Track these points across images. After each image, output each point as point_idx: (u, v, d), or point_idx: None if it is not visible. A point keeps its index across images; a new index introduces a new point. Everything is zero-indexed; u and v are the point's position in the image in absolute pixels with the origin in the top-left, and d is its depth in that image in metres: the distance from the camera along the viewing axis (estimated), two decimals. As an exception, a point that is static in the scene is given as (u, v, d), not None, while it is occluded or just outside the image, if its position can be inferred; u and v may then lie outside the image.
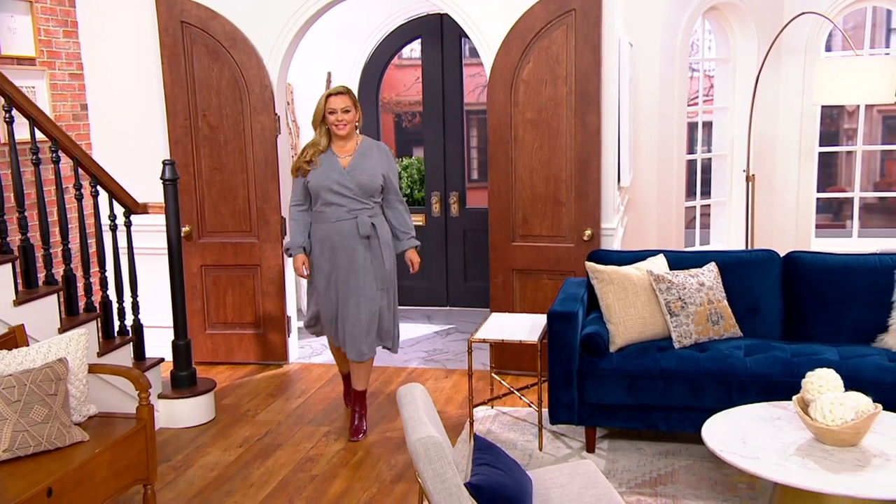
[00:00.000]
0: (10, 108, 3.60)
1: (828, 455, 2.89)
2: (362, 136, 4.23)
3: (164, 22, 5.11)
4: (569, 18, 4.68)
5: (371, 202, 4.13)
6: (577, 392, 3.86)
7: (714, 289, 4.03)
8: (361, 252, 4.09)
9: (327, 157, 4.10)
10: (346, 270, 4.09)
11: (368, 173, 4.08)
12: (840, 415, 2.88)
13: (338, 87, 4.14)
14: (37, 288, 3.78)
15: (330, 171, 4.05)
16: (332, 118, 4.05)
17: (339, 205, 4.06)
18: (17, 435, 2.97)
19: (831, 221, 7.96)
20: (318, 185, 4.05)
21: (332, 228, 4.08)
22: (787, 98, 6.33)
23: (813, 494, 2.84)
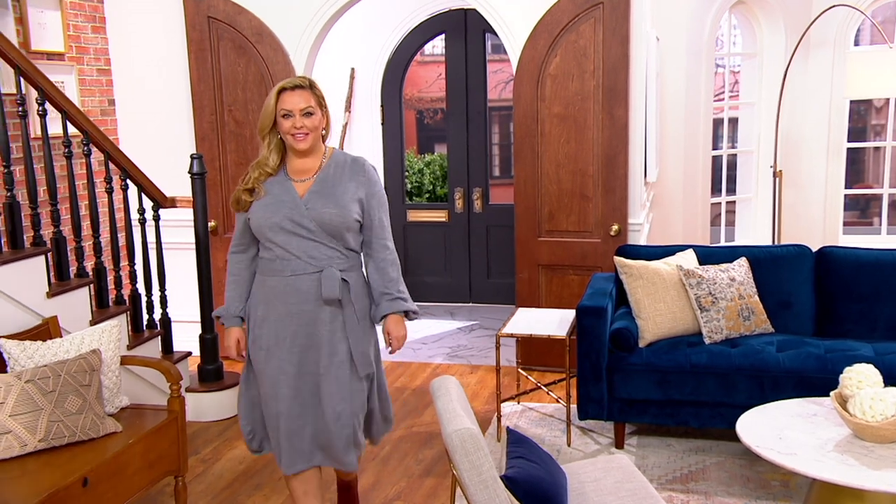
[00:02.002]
0: (43, 102, 3.64)
1: (868, 451, 2.85)
2: (332, 149, 2.95)
3: (192, 17, 5.14)
4: (596, 12, 4.67)
5: (342, 248, 2.85)
6: (606, 387, 3.85)
7: (745, 284, 4.00)
8: (327, 323, 2.82)
9: (278, 182, 2.83)
10: (303, 350, 2.82)
11: (336, 204, 2.79)
12: (880, 410, 2.84)
13: (295, 80, 2.84)
14: (69, 280, 3.83)
15: (279, 202, 2.78)
16: (286, 124, 2.76)
17: (292, 253, 2.79)
18: (52, 425, 3.00)
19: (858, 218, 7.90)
20: (262, 222, 2.77)
21: (283, 286, 2.80)
22: (815, 93, 6.27)
23: (853, 491, 2.80)
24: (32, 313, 3.49)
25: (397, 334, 2.94)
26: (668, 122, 5.86)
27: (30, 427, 2.95)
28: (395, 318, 2.93)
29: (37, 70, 3.59)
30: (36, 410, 2.98)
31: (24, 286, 3.46)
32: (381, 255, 2.93)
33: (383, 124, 6.82)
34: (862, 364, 3.06)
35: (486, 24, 5.95)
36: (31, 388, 2.99)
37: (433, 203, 7.53)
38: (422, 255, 6.91)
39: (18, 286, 3.43)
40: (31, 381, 3.00)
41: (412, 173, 7.69)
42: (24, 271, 3.47)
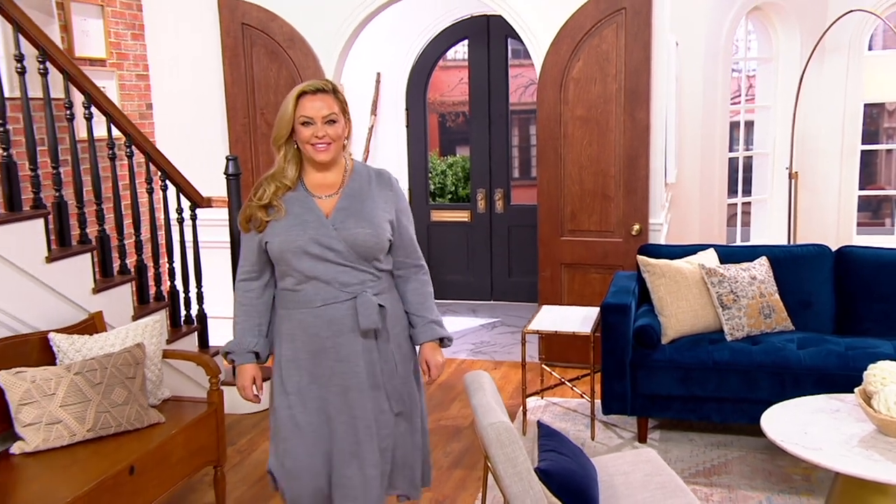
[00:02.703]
0: (89, 106, 3.67)
1: (892, 447, 2.82)
2: (353, 161, 2.54)
3: (226, 24, 5.16)
4: (619, 17, 4.66)
5: (374, 270, 2.45)
6: (630, 383, 3.85)
7: (766, 282, 3.99)
8: (362, 355, 2.44)
9: (298, 199, 2.41)
10: (346, 388, 2.44)
11: (369, 223, 2.41)
12: None
13: (316, 83, 2.40)
14: (112, 277, 3.86)
15: (303, 222, 2.38)
16: (306, 133, 2.35)
17: (320, 280, 2.39)
18: (99, 415, 3.03)
19: (870, 219, 7.86)
20: (285, 246, 2.37)
21: (314, 318, 2.41)
22: (830, 96, 6.25)
23: (878, 486, 2.78)
24: (79, 308, 3.51)
25: (435, 362, 2.57)
26: (686, 124, 5.85)
27: (79, 417, 2.99)
28: (431, 346, 2.57)
29: (83, 75, 3.62)
30: (84, 401, 3.01)
31: (72, 282, 3.48)
32: (416, 276, 2.57)
33: (408, 127, 6.84)
34: (886, 361, 3.03)
35: (508, 29, 5.95)
36: (80, 380, 3.03)
37: (456, 203, 7.53)
38: (445, 254, 6.92)
39: (66, 282, 3.45)
40: (80, 373, 3.04)
41: (435, 175, 7.71)
42: (72, 268, 3.49)
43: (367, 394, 2.43)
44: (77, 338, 3.26)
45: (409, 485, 2.62)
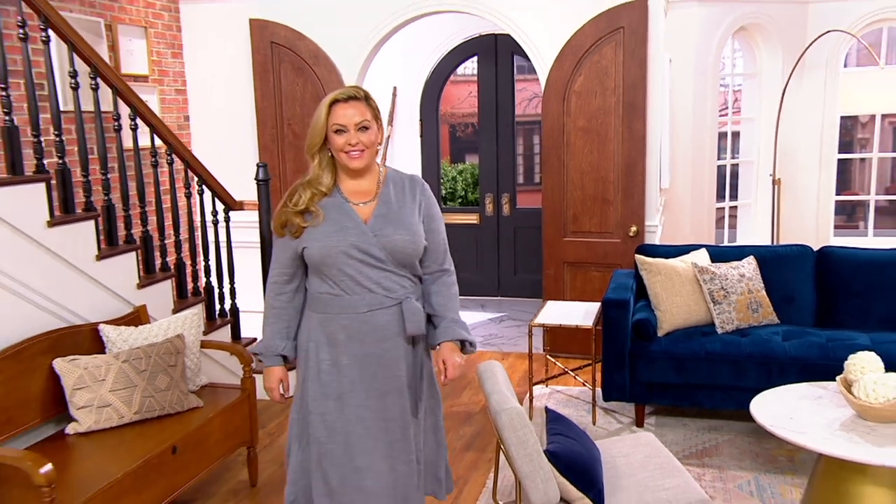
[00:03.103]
0: (134, 117, 3.69)
1: (871, 430, 2.82)
2: (386, 168, 2.37)
3: (257, 43, 5.17)
4: (617, 36, 4.66)
5: (410, 275, 2.31)
6: (628, 372, 3.84)
7: (753, 280, 3.99)
8: (404, 359, 2.30)
9: (335, 205, 2.24)
10: (382, 394, 2.26)
11: (407, 230, 2.25)
12: (882, 393, 2.81)
13: (348, 90, 2.24)
14: (155, 273, 3.87)
15: (342, 227, 2.20)
16: (339, 140, 2.18)
17: (363, 286, 2.21)
18: (144, 400, 3.06)
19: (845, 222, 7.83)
20: (326, 251, 2.19)
21: (359, 324, 2.23)
22: (810, 109, 6.23)
23: (857, 466, 2.78)
24: (125, 302, 3.53)
25: (453, 361, 2.33)
26: (678, 134, 5.84)
27: (126, 401, 3.02)
28: (450, 346, 2.36)
29: (130, 90, 3.64)
30: (131, 387, 3.04)
31: (119, 278, 3.50)
32: (442, 279, 2.39)
33: (421, 137, 6.84)
34: (864, 352, 3.02)
35: (514, 46, 5.95)
36: (127, 367, 3.06)
37: (465, 207, 7.55)
38: (455, 254, 6.76)
39: (114, 278, 3.47)
40: (127, 361, 3.07)
41: (446, 180, 7.72)
42: (119, 265, 3.51)
43: (403, 397, 2.28)
44: (124, 329, 3.29)
45: (435, 483, 2.47)
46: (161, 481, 2.81)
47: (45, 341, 3.00)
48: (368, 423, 2.24)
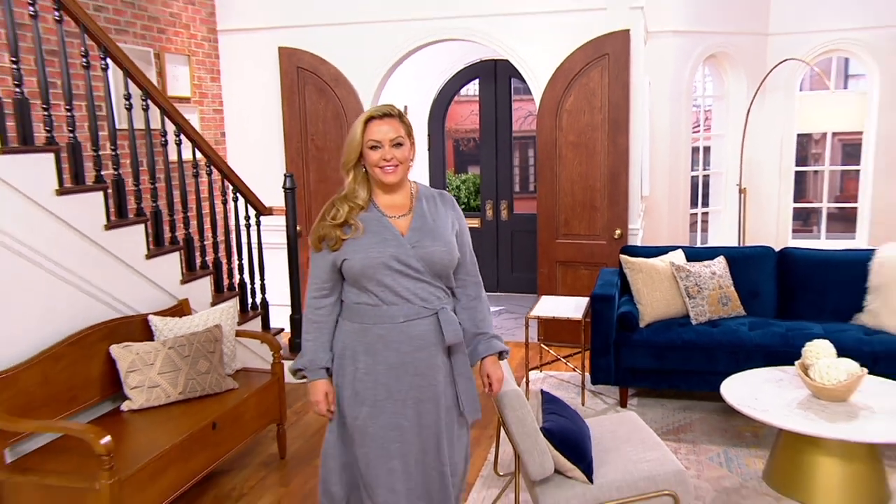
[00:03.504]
0: (179, 134, 3.69)
1: (824, 408, 2.87)
2: (416, 184, 2.20)
3: (285, 67, 5.18)
4: (603, 61, 4.67)
5: (445, 286, 2.13)
6: (613, 359, 3.85)
7: (723, 277, 4.00)
8: (441, 369, 2.10)
9: (373, 219, 2.07)
10: (420, 400, 2.08)
11: (443, 242, 2.07)
12: (835, 376, 2.87)
13: (383, 107, 2.07)
14: (195, 271, 3.87)
15: (382, 239, 2.04)
16: (374, 156, 2.02)
17: (401, 296, 2.04)
18: (188, 382, 3.08)
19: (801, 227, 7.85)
20: (367, 262, 2.01)
21: (396, 333, 2.04)
22: (770, 127, 6.25)
23: (812, 439, 2.83)
24: (170, 296, 3.54)
25: (497, 376, 2.18)
26: (657, 148, 5.84)
27: (172, 382, 3.04)
28: (492, 359, 2.18)
29: (175, 110, 3.65)
30: (176, 370, 3.06)
31: (165, 275, 3.51)
32: (475, 293, 2.19)
33: (429, 150, 6.82)
34: (820, 340, 3.07)
35: (511, 70, 5.97)
36: (173, 353, 3.08)
37: (468, 212, 7.51)
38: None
39: (160, 275, 3.48)
40: (173, 347, 3.09)
41: (451, 189, 7.72)
42: (165, 263, 3.52)
43: (439, 406, 2.09)
44: (169, 319, 3.31)
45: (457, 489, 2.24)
46: (203, 453, 2.84)
47: (103, 330, 3.03)
48: (403, 430, 2.06)
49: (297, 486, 3.17)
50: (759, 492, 2.99)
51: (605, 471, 2.40)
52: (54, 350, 2.79)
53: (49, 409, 2.74)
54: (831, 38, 5.98)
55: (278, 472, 3.29)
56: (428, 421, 2.07)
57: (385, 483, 2.07)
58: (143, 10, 4.56)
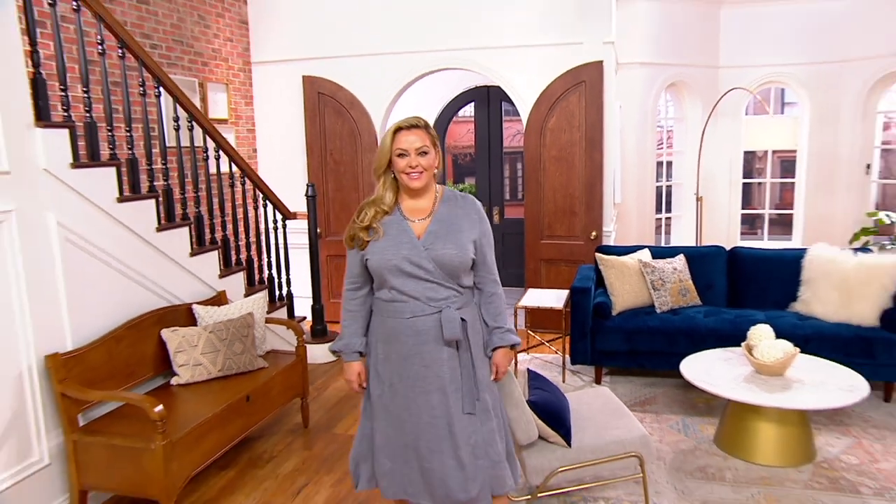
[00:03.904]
0: (218, 151, 3.71)
1: (764, 382, 2.93)
2: (442, 188, 2.09)
3: (308, 93, 5.21)
4: (581, 87, 4.70)
5: (457, 286, 2.01)
6: (589, 343, 3.86)
7: (683, 272, 4.04)
8: (446, 362, 1.99)
9: (394, 221, 2.01)
10: (428, 391, 2.00)
11: (455, 244, 1.98)
12: (773, 355, 2.93)
13: (410, 119, 2.00)
14: (231, 267, 3.87)
15: (398, 242, 1.98)
16: (401, 163, 1.96)
17: (409, 295, 1.98)
18: (226, 361, 3.12)
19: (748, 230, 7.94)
20: (381, 264, 1.97)
21: (403, 327, 1.99)
22: (721, 145, 6.31)
23: (754, 407, 2.90)
24: (210, 288, 3.56)
25: (502, 367, 2.10)
26: (627, 162, 5.89)
27: (212, 361, 3.07)
28: (503, 351, 2.09)
29: (216, 130, 3.67)
30: (216, 351, 3.09)
31: (206, 270, 3.54)
32: (492, 290, 2.07)
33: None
34: (762, 324, 3.13)
35: (502, 95, 6.02)
36: (213, 336, 3.10)
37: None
38: None
39: (202, 270, 3.51)
40: (213, 331, 3.11)
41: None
42: (206, 260, 3.54)
43: (449, 396, 1.98)
44: (210, 308, 3.33)
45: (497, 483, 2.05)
46: (238, 421, 2.89)
47: (155, 316, 3.07)
48: (415, 413, 1.99)
49: (319, 450, 3.20)
50: (710, 452, 3.04)
51: (581, 436, 2.45)
52: (116, 332, 2.84)
53: (112, 382, 2.79)
54: (770, 71, 6.09)
55: (302, 439, 3.33)
56: (438, 411, 1.98)
57: (389, 454, 2.02)
58: (189, 46, 4.61)
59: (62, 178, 2.64)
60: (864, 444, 3.09)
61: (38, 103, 2.57)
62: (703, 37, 6.11)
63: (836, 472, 2.83)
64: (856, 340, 3.48)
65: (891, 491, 2.70)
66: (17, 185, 2.46)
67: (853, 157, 6.09)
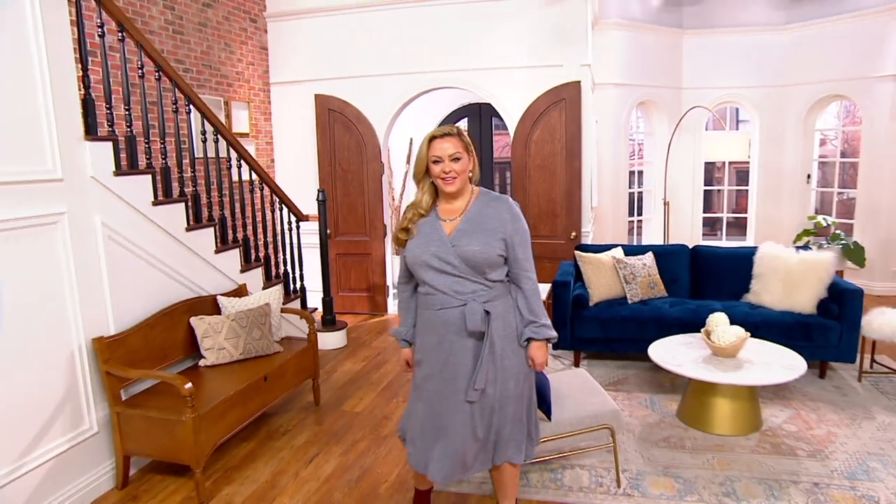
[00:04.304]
0: (239, 160, 3.74)
1: (720, 363, 2.98)
2: (479, 190, 2.01)
3: (319, 110, 5.23)
4: (561, 104, 4.73)
5: (486, 281, 1.93)
6: (569, 330, 3.86)
7: (651, 267, 4.06)
8: (472, 350, 1.94)
9: (429, 222, 1.98)
10: (450, 377, 1.97)
11: (479, 242, 1.90)
12: (728, 340, 2.98)
13: (443, 128, 1.96)
14: (251, 263, 3.86)
15: (428, 241, 1.95)
16: (436, 169, 1.93)
17: (438, 289, 1.94)
18: (246, 345, 3.13)
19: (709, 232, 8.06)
20: (413, 260, 1.97)
21: (434, 318, 1.97)
22: (685, 157, 6.42)
23: (712, 385, 2.95)
24: (232, 281, 3.57)
25: (539, 360, 2.02)
26: (603, 171, 5.95)
27: (234, 346, 3.09)
28: (537, 344, 2.00)
29: (238, 143, 3.68)
30: (237, 336, 3.11)
31: (228, 265, 3.56)
32: (526, 287, 1.98)
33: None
34: (718, 313, 3.17)
35: (492, 111, 6.07)
36: (234, 324, 3.12)
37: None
38: None
39: (225, 265, 3.53)
40: (234, 319, 3.13)
41: (444, 202, 7.78)
42: (229, 257, 3.56)
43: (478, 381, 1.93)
44: (232, 298, 3.35)
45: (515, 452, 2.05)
46: (257, 398, 2.91)
47: (185, 305, 3.09)
48: (444, 397, 1.97)
49: (328, 425, 3.22)
50: (673, 425, 3.09)
51: (560, 411, 2.48)
52: (151, 320, 2.87)
53: (149, 363, 2.82)
54: (726, 92, 6.22)
55: (314, 415, 3.36)
56: (462, 395, 1.94)
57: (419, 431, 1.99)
58: (216, 70, 4.66)
59: (106, 184, 2.70)
60: (801, 414, 3.17)
61: (88, 120, 2.63)
62: (669, 62, 6.21)
63: (778, 439, 2.90)
64: (797, 326, 3.54)
65: (821, 452, 2.79)
66: (69, 190, 2.52)
67: (796, 169, 6.24)
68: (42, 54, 2.36)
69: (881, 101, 5.50)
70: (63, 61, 2.46)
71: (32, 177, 2.36)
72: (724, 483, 2.53)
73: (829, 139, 8.41)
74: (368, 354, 4.40)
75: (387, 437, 3.07)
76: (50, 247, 2.43)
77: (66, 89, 2.48)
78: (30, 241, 2.36)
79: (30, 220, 2.34)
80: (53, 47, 2.41)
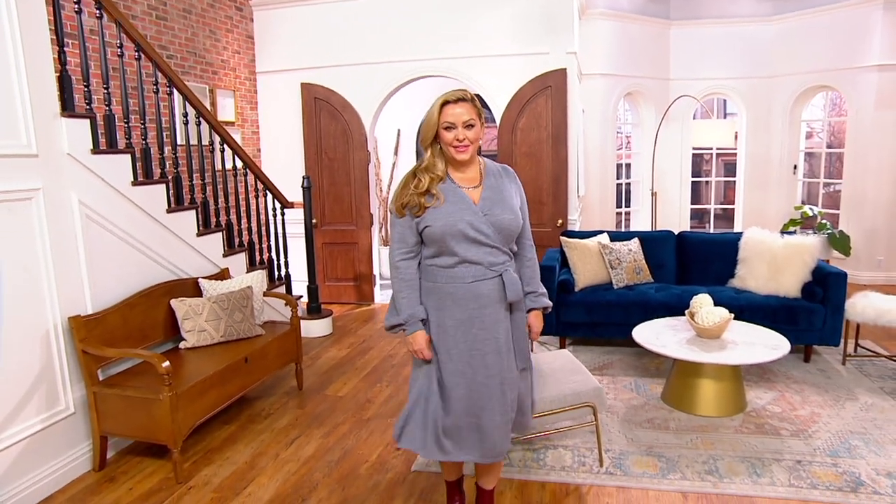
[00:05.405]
0: (223, 144, 3.71)
1: (704, 344, 3.00)
2: (484, 160, 1.93)
3: (305, 98, 5.21)
4: (548, 91, 4.74)
5: (508, 250, 1.89)
6: (555, 315, 3.86)
7: (637, 253, 4.08)
8: (503, 323, 1.87)
9: (450, 189, 1.83)
10: (484, 353, 1.84)
11: (510, 210, 1.85)
12: (711, 320, 3.00)
13: (458, 92, 1.81)
14: (234, 248, 3.86)
15: (460, 208, 1.81)
16: (448, 136, 1.80)
17: (471, 260, 1.81)
18: (227, 327, 3.12)
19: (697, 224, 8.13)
20: (446, 230, 1.79)
21: (464, 292, 1.82)
22: (673, 147, 6.44)
23: (695, 365, 2.97)
24: (214, 265, 3.56)
25: (537, 329, 2.00)
26: (591, 163, 5.96)
27: (215, 328, 3.08)
28: (536, 313, 1.99)
29: (220, 126, 3.66)
30: (218, 319, 3.10)
31: (211, 249, 3.54)
32: (529, 255, 1.96)
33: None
34: (702, 294, 3.19)
35: (481, 102, 6.03)
36: (215, 306, 3.11)
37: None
38: None
39: (208, 249, 3.51)
40: (216, 302, 3.12)
41: (433, 195, 7.76)
42: (212, 241, 3.55)
43: (503, 357, 1.85)
44: (214, 282, 3.33)
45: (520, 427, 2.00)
46: (237, 380, 2.89)
47: (166, 287, 3.08)
48: (468, 377, 1.84)
49: (311, 408, 3.21)
50: (658, 407, 3.11)
51: (543, 389, 2.49)
52: (130, 300, 2.85)
53: (127, 344, 2.80)
54: (713, 83, 6.26)
55: (296, 399, 3.34)
56: (493, 370, 1.84)
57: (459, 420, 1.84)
58: (202, 57, 4.62)
59: (83, 161, 2.67)
60: (786, 396, 3.19)
61: (64, 96, 2.60)
62: (656, 52, 6.24)
63: (762, 420, 2.92)
64: (782, 310, 3.57)
65: (804, 432, 2.81)
66: (44, 166, 2.49)
67: (783, 160, 6.29)
68: (14, 27, 2.33)
69: (865, 90, 5.57)
70: (37, 35, 2.42)
71: (6, 151, 2.33)
72: (707, 462, 2.54)
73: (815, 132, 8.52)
74: (354, 342, 4.39)
75: (369, 420, 3.07)
76: (25, 222, 2.41)
77: (41, 65, 2.45)
78: (3, 216, 2.33)
79: (3, 194, 2.31)
80: (27, 21, 2.38)
